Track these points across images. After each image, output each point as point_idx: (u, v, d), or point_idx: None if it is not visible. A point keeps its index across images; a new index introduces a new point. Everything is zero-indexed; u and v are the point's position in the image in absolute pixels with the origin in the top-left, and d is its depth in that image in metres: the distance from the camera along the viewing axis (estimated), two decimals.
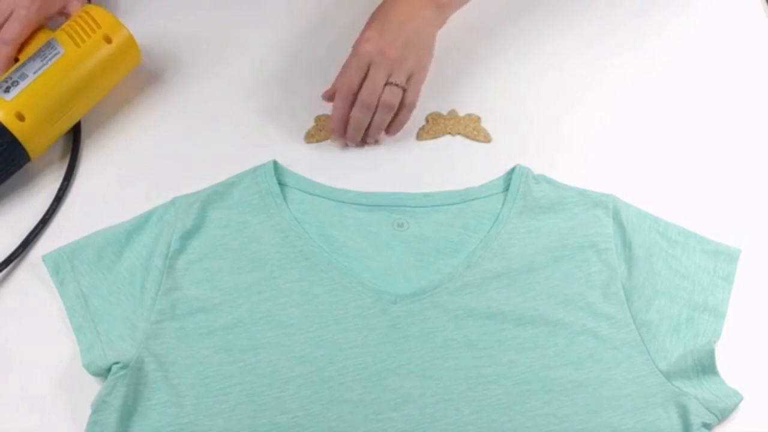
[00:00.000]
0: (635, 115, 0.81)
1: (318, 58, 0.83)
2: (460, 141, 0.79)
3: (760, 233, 0.74)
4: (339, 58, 0.76)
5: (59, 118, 0.74)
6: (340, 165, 0.77)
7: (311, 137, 0.78)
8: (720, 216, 0.75)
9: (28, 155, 0.73)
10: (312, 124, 0.79)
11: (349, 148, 0.78)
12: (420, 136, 0.78)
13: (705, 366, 0.66)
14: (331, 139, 0.78)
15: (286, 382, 0.64)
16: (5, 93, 0.71)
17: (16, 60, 0.76)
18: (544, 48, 0.84)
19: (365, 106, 0.74)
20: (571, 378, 0.65)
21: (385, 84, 0.73)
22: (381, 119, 0.75)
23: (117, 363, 0.65)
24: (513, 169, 0.75)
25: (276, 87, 0.81)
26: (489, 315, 0.67)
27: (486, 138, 0.78)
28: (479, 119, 0.79)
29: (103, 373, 0.65)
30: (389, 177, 0.76)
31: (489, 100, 0.81)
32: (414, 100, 0.76)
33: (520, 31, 0.84)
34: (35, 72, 0.72)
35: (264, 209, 0.72)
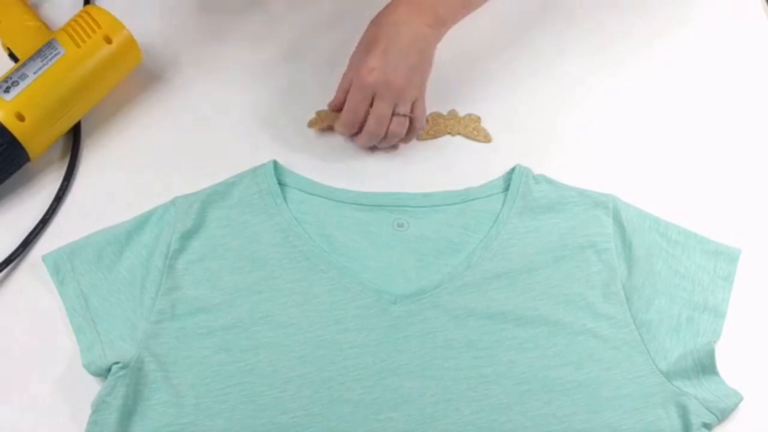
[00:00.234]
0: (635, 115, 0.80)
1: (318, 58, 0.83)
2: (460, 141, 0.79)
3: (760, 233, 0.74)
4: (340, 58, 0.76)
5: (59, 118, 0.74)
6: (340, 165, 0.77)
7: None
8: (720, 216, 0.75)
9: (27, 155, 0.73)
10: (314, 115, 0.79)
11: (349, 148, 0.78)
12: (420, 136, 0.78)
13: (705, 366, 0.66)
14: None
15: (286, 382, 0.64)
16: (5, 93, 0.71)
17: (16, 60, 0.76)
18: (544, 48, 0.84)
19: (373, 136, 0.74)
20: (571, 378, 0.65)
21: (393, 115, 0.73)
22: (389, 143, 0.76)
23: (117, 363, 0.65)
24: (513, 169, 0.75)
25: (276, 87, 0.81)
26: (489, 315, 0.67)
27: (486, 138, 0.78)
28: (479, 119, 0.79)
29: (103, 373, 0.65)
30: (389, 177, 0.76)
31: (489, 100, 0.81)
32: (421, 122, 0.76)
33: (520, 32, 0.84)
34: (35, 72, 0.72)
35: (264, 209, 0.72)
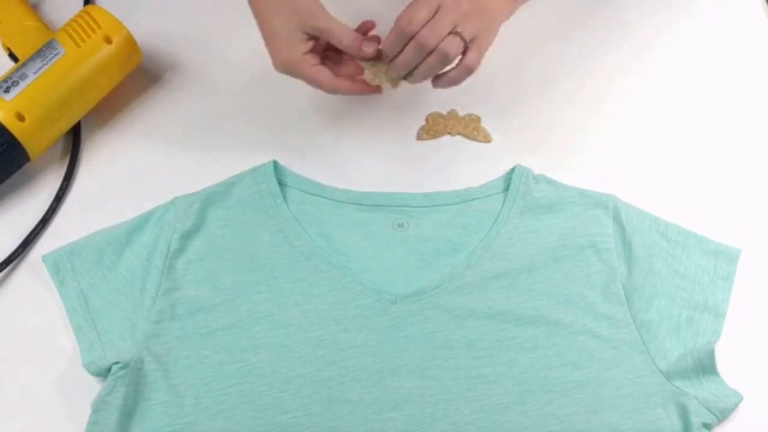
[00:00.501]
0: (635, 115, 0.80)
1: None
2: (460, 141, 0.79)
3: (760, 233, 0.74)
4: None
5: (59, 118, 0.74)
6: (340, 165, 0.77)
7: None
8: (720, 216, 0.75)
9: (27, 155, 0.73)
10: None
11: (349, 148, 0.78)
12: (420, 136, 0.78)
13: (705, 366, 0.66)
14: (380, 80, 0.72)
15: (286, 382, 0.64)
16: (5, 93, 0.71)
17: (16, 60, 0.76)
18: (544, 48, 0.84)
19: (420, 46, 0.66)
20: (571, 378, 0.65)
21: (449, 33, 0.66)
22: (432, 65, 0.68)
23: (117, 363, 0.65)
24: (513, 169, 0.75)
25: (276, 87, 0.81)
26: (489, 315, 0.67)
27: (486, 138, 0.78)
28: (479, 119, 0.79)
29: (103, 373, 0.65)
30: (389, 177, 0.76)
31: (489, 100, 0.81)
32: (475, 63, 0.68)
33: (520, 32, 0.84)
34: (35, 72, 0.72)
35: (264, 209, 0.72)
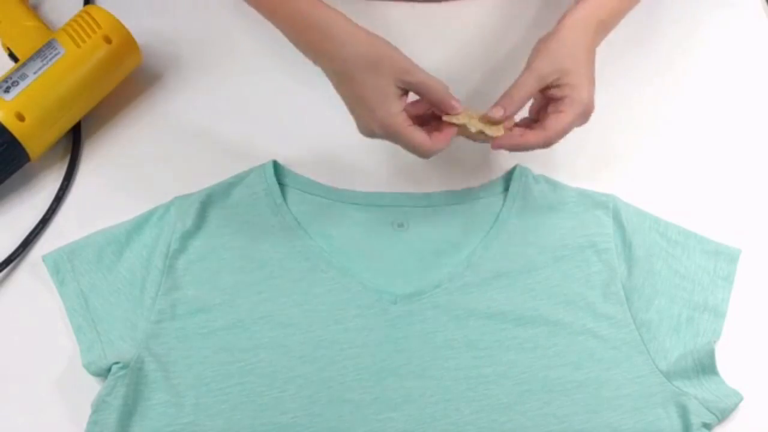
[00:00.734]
0: (635, 115, 0.80)
1: None
2: (460, 141, 0.78)
3: (760, 233, 0.74)
4: None
5: (59, 118, 0.74)
6: (340, 165, 0.77)
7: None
8: (720, 216, 0.75)
9: (28, 155, 0.73)
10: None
11: (348, 148, 0.77)
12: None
13: (705, 366, 0.66)
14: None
15: (286, 382, 0.64)
16: (5, 93, 0.71)
17: (16, 60, 0.76)
18: None
19: (548, 145, 0.67)
20: (571, 378, 0.65)
21: None
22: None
23: (117, 363, 0.65)
24: (513, 169, 0.74)
25: (276, 87, 0.81)
26: (489, 315, 0.67)
27: (498, 131, 0.72)
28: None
29: (103, 373, 0.65)
30: (389, 177, 0.76)
31: (489, 100, 0.81)
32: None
33: (520, 32, 0.84)
34: (35, 72, 0.72)
35: (264, 209, 0.71)
